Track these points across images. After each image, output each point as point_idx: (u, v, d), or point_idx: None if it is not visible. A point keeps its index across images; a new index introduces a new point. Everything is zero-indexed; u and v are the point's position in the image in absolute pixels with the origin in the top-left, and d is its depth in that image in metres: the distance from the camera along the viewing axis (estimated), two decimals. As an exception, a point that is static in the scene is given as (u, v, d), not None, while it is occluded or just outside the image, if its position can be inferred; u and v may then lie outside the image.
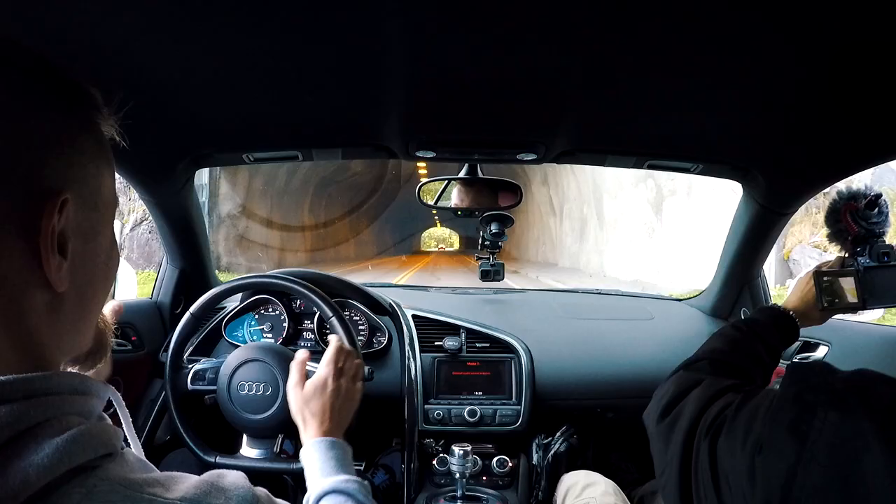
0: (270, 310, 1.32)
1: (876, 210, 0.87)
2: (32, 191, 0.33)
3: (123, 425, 0.48)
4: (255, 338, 1.30)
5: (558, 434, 1.30)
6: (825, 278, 0.90)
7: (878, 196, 0.87)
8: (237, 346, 1.19)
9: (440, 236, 54.57)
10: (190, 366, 1.06)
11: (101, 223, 0.39)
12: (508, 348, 1.31)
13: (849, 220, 0.87)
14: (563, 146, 1.00)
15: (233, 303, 1.32)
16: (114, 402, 0.42)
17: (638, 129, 0.95)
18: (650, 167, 1.11)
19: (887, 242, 0.89)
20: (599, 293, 1.85)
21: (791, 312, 0.90)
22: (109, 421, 0.38)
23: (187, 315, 1.08)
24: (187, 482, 0.36)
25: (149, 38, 0.62)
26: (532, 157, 1.02)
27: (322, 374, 0.79)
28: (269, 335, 1.30)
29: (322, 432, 0.73)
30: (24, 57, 0.35)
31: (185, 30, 0.60)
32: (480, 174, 1.20)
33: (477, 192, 1.23)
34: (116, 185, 0.44)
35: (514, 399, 1.26)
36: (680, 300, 1.67)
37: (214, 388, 1.02)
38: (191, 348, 1.19)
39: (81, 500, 0.30)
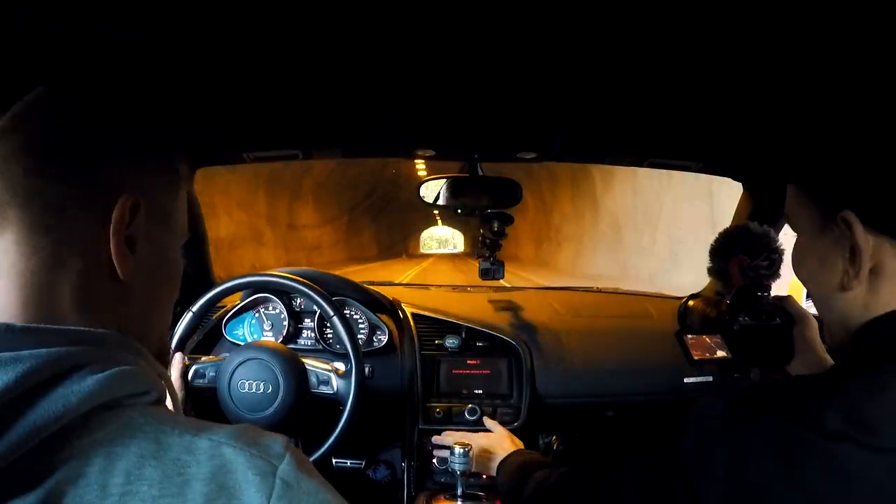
0: (271, 308, 1.32)
1: (767, 263, 0.77)
2: (111, 191, 0.40)
3: (170, 402, 0.50)
4: (255, 336, 1.30)
5: (559, 433, 1.30)
6: (688, 336, 0.84)
7: (775, 251, 0.76)
8: (238, 345, 1.19)
9: (442, 237, 53.48)
10: (190, 364, 1.06)
11: (169, 239, 0.47)
12: (508, 347, 1.31)
13: (735, 273, 0.77)
14: (562, 144, 1.00)
15: (232, 301, 1.32)
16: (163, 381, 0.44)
17: (638, 129, 0.95)
18: (650, 165, 1.12)
19: (770, 296, 0.78)
20: (599, 291, 1.85)
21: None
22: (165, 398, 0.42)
23: (188, 313, 1.08)
24: (218, 426, 0.38)
25: (148, 38, 0.62)
26: (532, 155, 1.02)
27: None
28: (270, 333, 1.30)
29: None
30: (125, 98, 0.44)
31: (184, 31, 0.61)
32: (481, 173, 1.21)
33: (476, 190, 1.23)
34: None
35: (514, 398, 1.26)
36: (680, 299, 1.67)
37: (215, 386, 1.02)
38: (191, 347, 1.19)
39: (117, 429, 0.34)
